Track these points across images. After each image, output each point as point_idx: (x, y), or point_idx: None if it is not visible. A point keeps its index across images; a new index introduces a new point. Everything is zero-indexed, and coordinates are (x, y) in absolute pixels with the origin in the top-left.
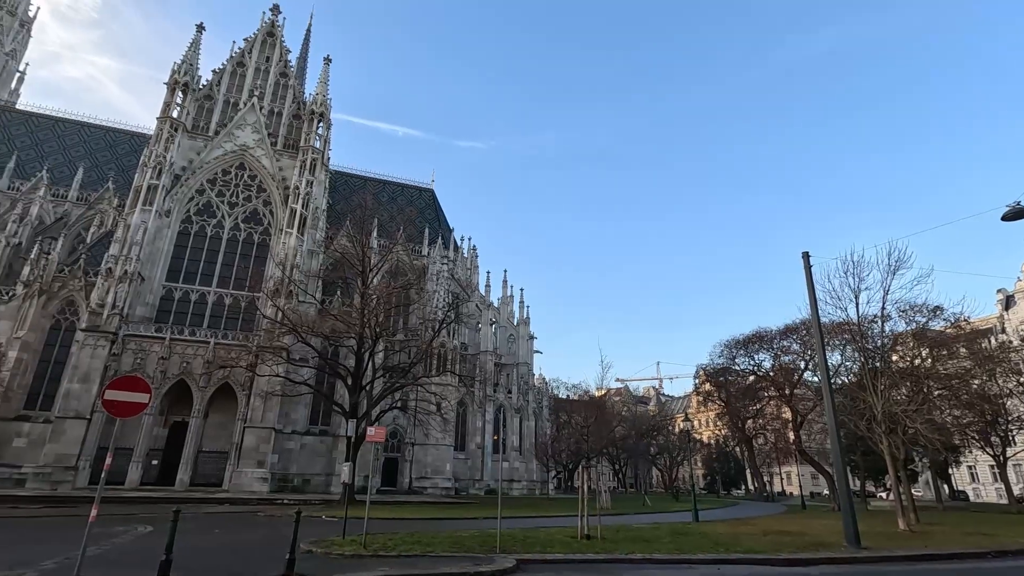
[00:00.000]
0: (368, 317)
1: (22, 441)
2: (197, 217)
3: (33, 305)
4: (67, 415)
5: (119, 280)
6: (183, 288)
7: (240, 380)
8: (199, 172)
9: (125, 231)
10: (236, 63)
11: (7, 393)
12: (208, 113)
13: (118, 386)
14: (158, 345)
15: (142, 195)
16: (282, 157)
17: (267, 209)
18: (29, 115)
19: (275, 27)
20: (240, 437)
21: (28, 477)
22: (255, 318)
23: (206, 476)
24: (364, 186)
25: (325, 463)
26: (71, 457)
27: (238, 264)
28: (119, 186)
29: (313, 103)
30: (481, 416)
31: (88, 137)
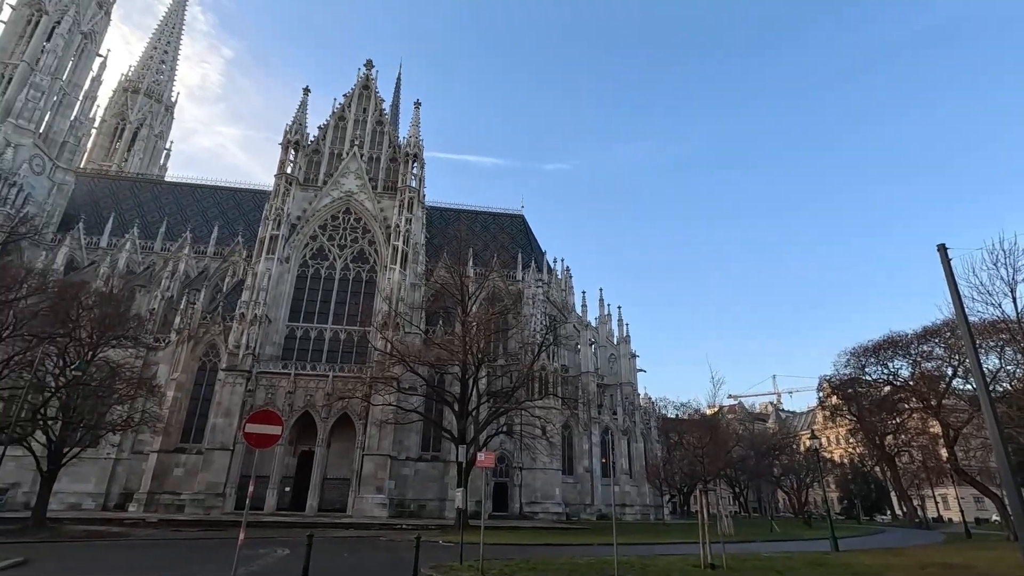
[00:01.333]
0: (470, 344)
1: (180, 471)
2: (312, 261)
3: (184, 350)
4: (214, 447)
5: (250, 323)
6: (304, 327)
7: (357, 410)
8: (312, 220)
9: (253, 279)
10: (338, 117)
11: (167, 429)
12: (316, 166)
13: (256, 420)
14: (285, 380)
15: (265, 245)
16: (383, 199)
17: (372, 248)
18: (174, 185)
19: (369, 80)
20: (359, 464)
21: (186, 503)
22: (367, 351)
23: (331, 502)
24: (458, 218)
25: (438, 488)
26: (219, 485)
27: (349, 301)
28: (246, 239)
29: (407, 145)
30: (587, 439)
31: (220, 198)
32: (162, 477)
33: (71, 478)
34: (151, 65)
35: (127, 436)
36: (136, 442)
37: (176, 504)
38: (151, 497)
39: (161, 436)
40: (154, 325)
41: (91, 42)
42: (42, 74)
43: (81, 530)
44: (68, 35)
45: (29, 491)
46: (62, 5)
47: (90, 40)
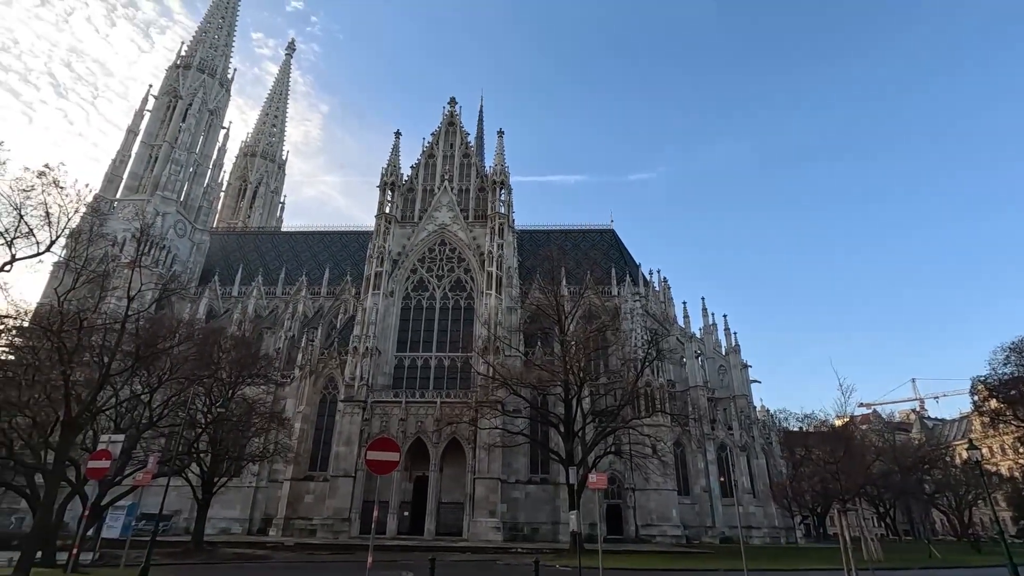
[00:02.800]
0: (570, 363)
1: (310, 497)
2: (414, 293)
3: (307, 384)
4: (338, 474)
5: (362, 356)
6: (410, 356)
7: (465, 434)
8: (411, 254)
9: (362, 314)
10: (427, 155)
11: (297, 458)
12: (411, 203)
13: (375, 447)
14: (397, 408)
15: (371, 282)
16: (474, 227)
17: (468, 276)
18: (289, 234)
19: (454, 116)
20: (471, 488)
21: (317, 528)
22: (471, 376)
23: (447, 525)
24: (547, 239)
25: (550, 511)
26: (345, 510)
27: (451, 329)
28: (354, 277)
29: (493, 174)
30: (702, 456)
31: (328, 242)
32: (295, 503)
33: (221, 505)
34: (264, 130)
35: (264, 466)
36: (271, 471)
37: (309, 528)
38: (287, 522)
39: (292, 465)
40: (280, 363)
41: (216, 117)
42: (179, 150)
43: (231, 553)
44: (198, 114)
45: (188, 517)
46: (192, 88)
47: (215, 116)
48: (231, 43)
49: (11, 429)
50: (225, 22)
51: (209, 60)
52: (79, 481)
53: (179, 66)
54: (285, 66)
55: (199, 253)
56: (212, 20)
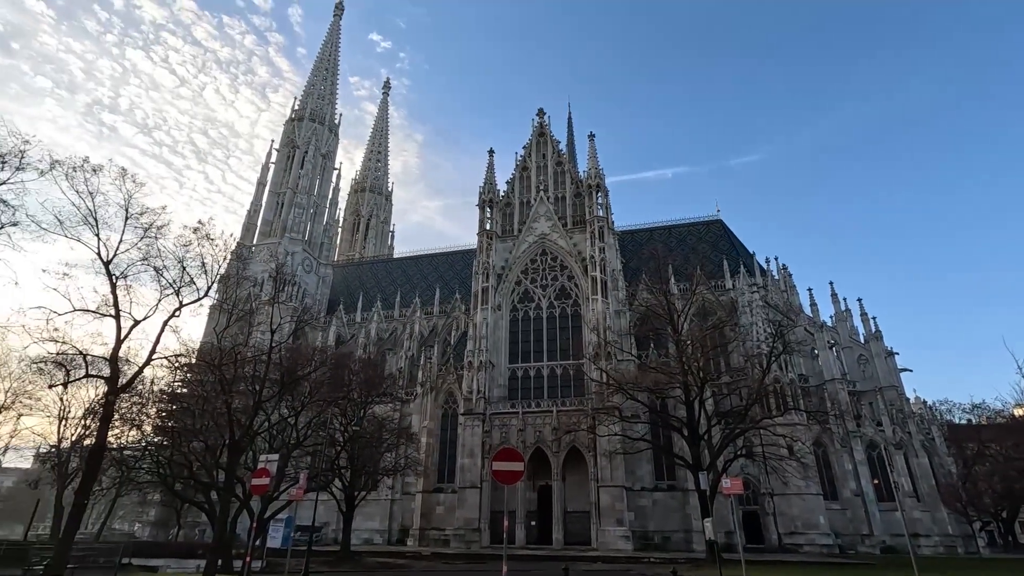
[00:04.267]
0: (687, 364)
1: (441, 509)
2: (520, 305)
3: (428, 400)
4: (465, 486)
5: (477, 369)
6: (522, 367)
7: (584, 442)
8: (514, 267)
9: (473, 329)
10: (521, 168)
11: (426, 471)
12: (510, 217)
13: (500, 458)
14: (514, 419)
15: (479, 298)
16: (574, 234)
17: (572, 283)
18: (400, 260)
19: (543, 127)
20: (596, 497)
21: (450, 538)
22: (584, 383)
23: (574, 534)
24: (650, 237)
25: (679, 519)
26: (474, 520)
27: (559, 337)
28: (463, 295)
29: (588, 178)
30: (848, 456)
31: (436, 263)
32: (428, 514)
33: (363, 517)
34: (370, 166)
35: (397, 479)
36: (404, 484)
37: (442, 538)
38: (422, 532)
39: (422, 478)
40: (403, 381)
41: (328, 160)
42: (300, 195)
43: (376, 562)
44: (313, 160)
45: (335, 528)
46: (306, 137)
47: (327, 159)
48: (335, 91)
49: (190, 453)
50: (328, 74)
51: (318, 110)
52: (246, 497)
53: (294, 119)
54: (383, 104)
55: (324, 285)
56: (318, 73)
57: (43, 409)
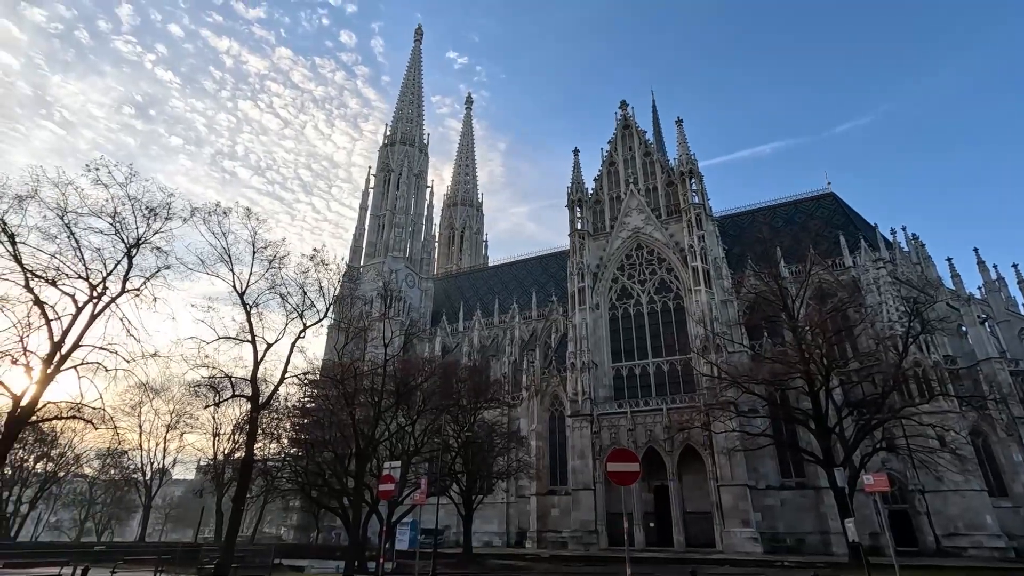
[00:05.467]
0: (808, 351)
1: (556, 511)
2: (618, 302)
3: (534, 403)
4: (578, 488)
5: (580, 371)
6: (626, 365)
7: (699, 440)
8: (609, 264)
9: (573, 330)
10: (608, 164)
11: (538, 474)
12: (600, 214)
13: (614, 459)
14: (623, 419)
15: (576, 298)
16: (669, 224)
17: (671, 276)
18: (495, 268)
19: (627, 119)
20: (717, 496)
21: (567, 540)
22: (693, 378)
23: (695, 536)
24: (752, 220)
25: (813, 519)
26: (591, 523)
27: (663, 332)
28: (559, 297)
29: (679, 165)
30: (1017, 447)
31: (529, 268)
32: (544, 517)
33: (481, 520)
34: (460, 180)
35: (511, 483)
36: (518, 487)
37: (559, 541)
38: (539, 535)
39: (535, 481)
40: (508, 386)
41: (420, 179)
42: (398, 215)
43: (497, 564)
44: (407, 181)
45: (456, 531)
46: (399, 160)
47: (420, 178)
48: (421, 113)
49: (322, 462)
50: (414, 96)
51: (408, 133)
52: (374, 502)
53: (386, 144)
54: (467, 119)
55: (427, 298)
56: (404, 98)
57: (200, 427)
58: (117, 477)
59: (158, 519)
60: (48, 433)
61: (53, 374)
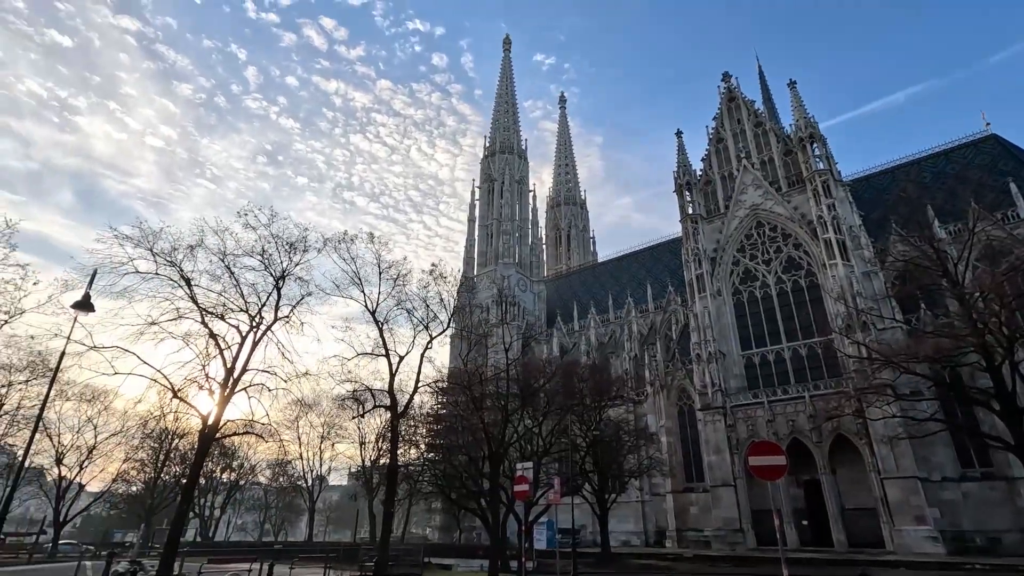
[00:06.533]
0: (982, 321)
1: (695, 509)
2: (742, 286)
3: (660, 398)
4: (717, 484)
5: (707, 362)
6: (758, 352)
7: (852, 429)
8: (727, 247)
9: (695, 320)
10: (715, 141)
11: (672, 470)
12: (712, 195)
13: (756, 452)
14: (760, 410)
15: (694, 287)
16: (791, 197)
17: (799, 252)
18: (605, 264)
19: (732, 91)
20: (880, 491)
21: (710, 539)
22: (836, 361)
23: (858, 535)
24: (892, 179)
25: (1009, 515)
26: (734, 520)
27: (796, 314)
28: (675, 287)
29: (797, 131)
30: None
31: (641, 260)
32: (682, 515)
33: (617, 519)
34: (561, 180)
35: (644, 480)
36: (651, 485)
37: (701, 540)
38: (679, 534)
39: (669, 478)
40: (631, 382)
41: (522, 185)
42: (504, 222)
43: (637, 564)
44: (509, 188)
45: (592, 531)
46: (500, 169)
47: (521, 184)
48: (517, 119)
49: (458, 465)
50: (508, 105)
51: (506, 141)
52: (510, 502)
53: (487, 156)
54: (562, 118)
55: (540, 301)
56: (499, 108)
57: (348, 436)
58: (285, 484)
59: (320, 521)
60: (229, 447)
61: (229, 396)
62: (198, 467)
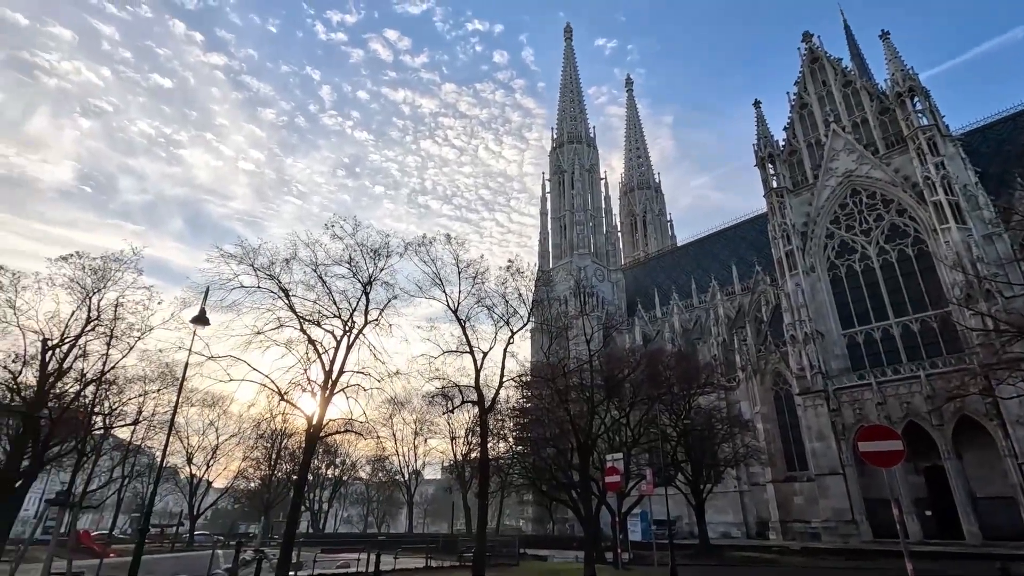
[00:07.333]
0: None
1: (799, 499)
2: (838, 260)
3: (753, 384)
4: (823, 472)
5: (803, 343)
6: (862, 330)
7: (980, 410)
8: (819, 220)
9: (787, 300)
10: (798, 108)
11: (771, 459)
12: (798, 165)
13: (867, 437)
14: (868, 392)
15: (784, 264)
16: (891, 159)
17: (904, 217)
18: (685, 247)
19: (815, 51)
20: (1019, 477)
21: (819, 531)
22: (955, 335)
23: (994, 527)
24: (1014, 127)
25: None
26: (845, 511)
27: (904, 286)
28: (763, 266)
29: (893, 85)
30: None
31: (724, 240)
32: (785, 505)
33: (714, 510)
34: (632, 164)
35: (741, 470)
36: (750, 475)
37: (809, 532)
38: (783, 525)
39: (769, 467)
40: (721, 368)
41: (592, 173)
42: (577, 212)
43: (739, 556)
44: (580, 177)
45: (688, 522)
46: (569, 159)
47: (592, 172)
48: (583, 107)
49: (547, 458)
50: (573, 94)
51: (574, 131)
52: (601, 493)
53: (555, 147)
54: (630, 101)
55: (618, 290)
56: (564, 98)
57: (440, 432)
58: (384, 479)
59: (419, 514)
60: (332, 445)
61: (329, 397)
62: (306, 464)
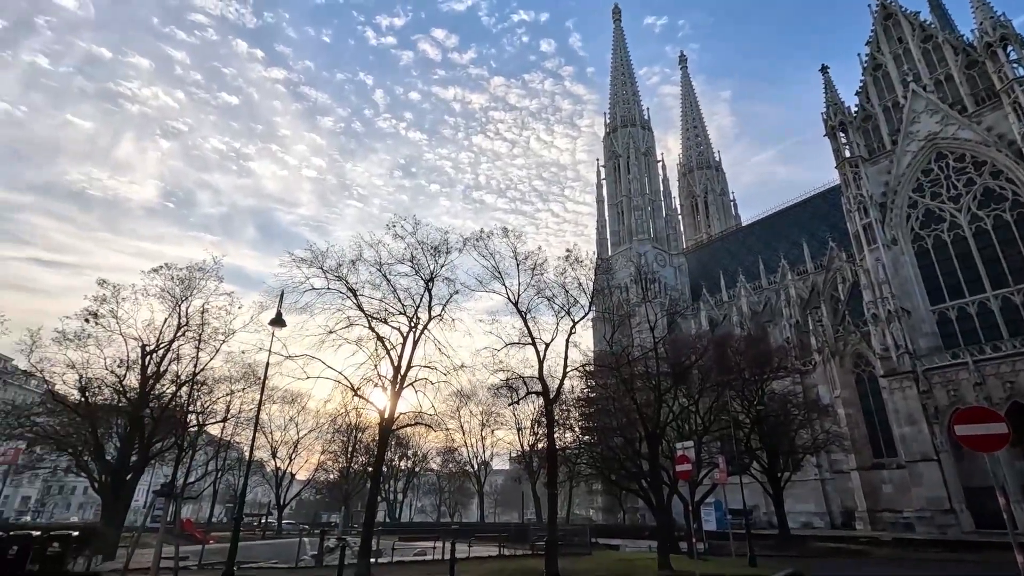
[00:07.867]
0: None
1: (888, 487)
2: (923, 231)
3: (832, 366)
4: (914, 458)
5: (886, 322)
6: (952, 306)
7: None
8: (900, 189)
9: (866, 276)
10: (871, 69)
11: (855, 445)
12: (874, 132)
13: (964, 420)
14: (963, 372)
15: (862, 238)
16: (982, 117)
17: (1000, 180)
18: (750, 227)
19: (887, 6)
20: None
21: (912, 521)
22: None
23: None
24: None
25: None
26: (941, 500)
27: (1002, 256)
28: (837, 241)
29: (982, 35)
30: None
31: (793, 216)
32: (873, 494)
33: (793, 499)
34: (690, 144)
35: (821, 457)
36: (831, 462)
37: (901, 522)
38: (871, 515)
39: (853, 454)
40: (796, 351)
41: (649, 156)
42: (634, 197)
43: (823, 547)
44: (636, 161)
45: (766, 511)
46: (624, 143)
47: (648, 155)
48: (636, 90)
49: (615, 446)
50: (626, 77)
51: (627, 114)
52: (672, 483)
53: (608, 133)
54: (684, 79)
55: (681, 274)
56: (616, 81)
57: (506, 423)
58: (455, 470)
59: (489, 503)
60: (403, 438)
61: (399, 391)
62: (381, 456)
